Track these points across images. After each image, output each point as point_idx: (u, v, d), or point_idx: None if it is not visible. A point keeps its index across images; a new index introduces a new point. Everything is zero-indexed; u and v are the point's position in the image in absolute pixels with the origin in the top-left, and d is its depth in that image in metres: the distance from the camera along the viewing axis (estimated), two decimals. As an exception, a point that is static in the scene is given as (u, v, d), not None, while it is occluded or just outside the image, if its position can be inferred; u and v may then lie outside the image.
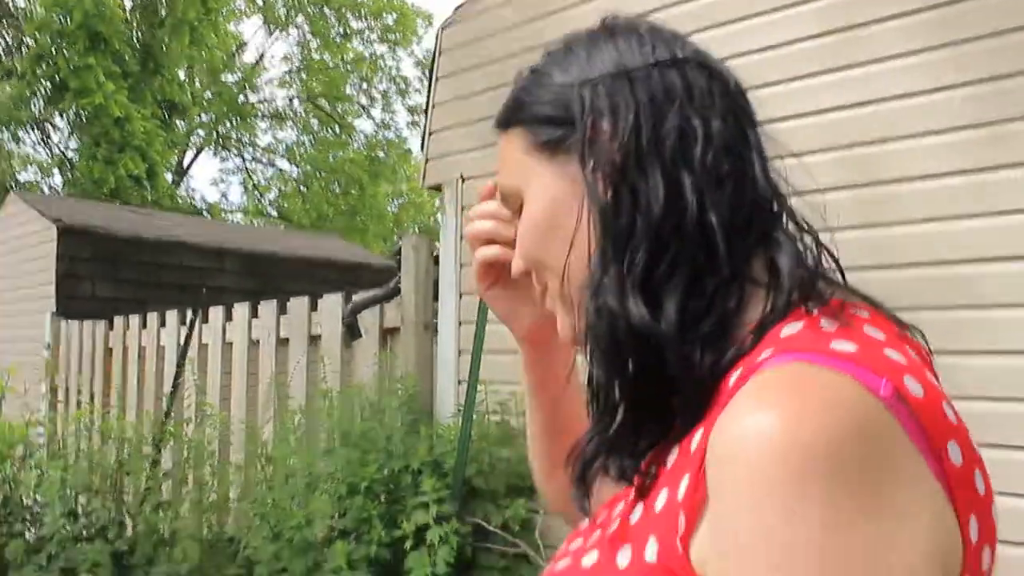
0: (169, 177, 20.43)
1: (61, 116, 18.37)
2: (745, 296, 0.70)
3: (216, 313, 5.90)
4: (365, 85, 24.29)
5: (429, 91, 4.83)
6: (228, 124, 23.08)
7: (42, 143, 19.78)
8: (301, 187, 24.09)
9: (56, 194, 18.56)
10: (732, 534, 0.55)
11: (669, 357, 0.68)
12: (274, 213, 24.48)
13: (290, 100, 24.09)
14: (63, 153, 19.36)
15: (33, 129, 19.11)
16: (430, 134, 4.81)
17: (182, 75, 20.49)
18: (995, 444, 2.57)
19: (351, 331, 4.67)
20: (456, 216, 4.62)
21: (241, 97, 23.00)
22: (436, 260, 4.80)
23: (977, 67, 2.85)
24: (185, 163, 22.89)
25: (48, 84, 17.28)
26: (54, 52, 16.46)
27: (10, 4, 18.64)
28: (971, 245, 2.83)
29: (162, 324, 6.30)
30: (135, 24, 18.92)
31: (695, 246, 0.70)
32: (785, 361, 0.61)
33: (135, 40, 18.69)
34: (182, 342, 5.99)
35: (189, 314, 5.98)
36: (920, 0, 3.00)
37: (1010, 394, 2.70)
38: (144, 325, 6.48)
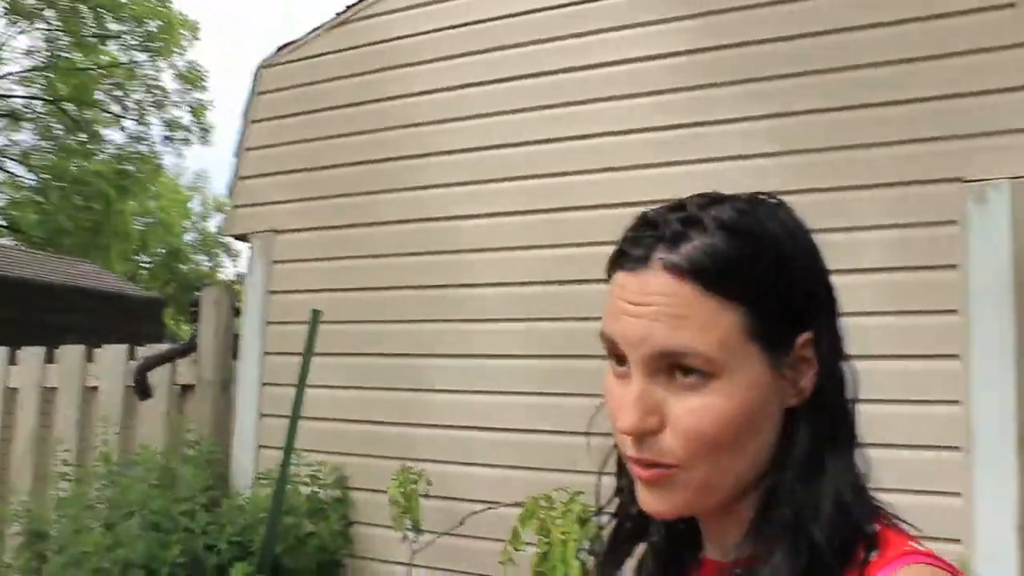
0: None
1: None
2: None
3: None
4: (119, 92, 22.61)
5: (242, 133, 4.54)
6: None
7: None
8: (36, 197, 21.92)
9: None
10: None
11: None
12: (1, 222, 22.11)
13: (31, 100, 21.94)
14: None
15: None
16: (240, 179, 4.52)
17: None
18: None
19: (141, 390, 4.25)
20: (264, 270, 4.36)
21: (-31, 90, 20.65)
22: (236, 312, 4.50)
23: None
24: None
25: None
26: None
27: None
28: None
29: None
30: None
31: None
32: (917, 562, 0.73)
33: None
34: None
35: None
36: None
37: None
38: None
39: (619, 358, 0.78)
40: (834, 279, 0.81)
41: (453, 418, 3.65)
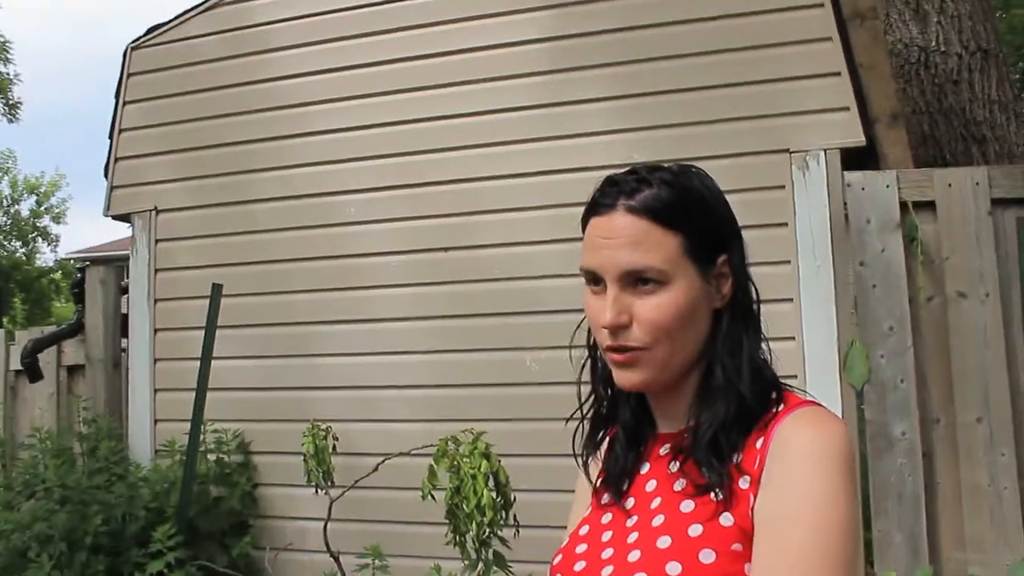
0: None
1: None
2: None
3: None
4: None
5: (115, 114, 4.59)
6: None
7: None
8: None
9: None
10: (800, 490, 1.00)
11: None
12: None
13: None
14: None
15: None
16: (116, 160, 4.58)
17: None
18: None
19: (31, 372, 4.29)
20: (148, 249, 4.47)
21: None
22: (123, 291, 4.58)
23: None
24: None
25: None
26: None
27: None
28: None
29: None
30: None
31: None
32: (811, 406, 1.08)
33: None
34: None
35: None
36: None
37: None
38: None
39: (596, 280, 1.12)
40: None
41: (352, 379, 3.94)
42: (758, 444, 1.06)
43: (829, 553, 0.97)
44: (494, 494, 2.89)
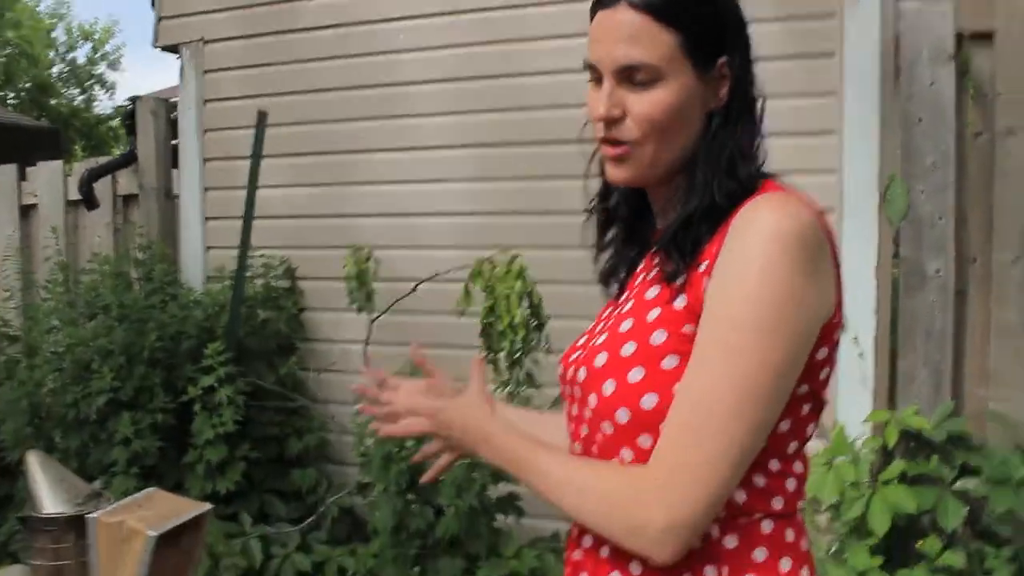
0: None
1: None
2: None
3: None
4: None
5: (160, -58, 4.55)
6: None
7: None
8: None
9: None
10: (744, 260, 1.02)
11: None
12: None
13: None
14: None
15: None
16: (163, -10, 4.58)
17: None
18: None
19: (88, 201, 4.45)
20: (196, 80, 4.51)
21: None
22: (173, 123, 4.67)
23: None
24: None
25: None
26: None
27: None
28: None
29: None
30: None
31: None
32: (782, 192, 1.09)
33: None
34: None
35: None
36: None
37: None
38: None
39: (596, 73, 1.14)
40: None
41: (394, 207, 4.02)
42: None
43: (754, 337, 1.00)
44: (528, 314, 2.98)
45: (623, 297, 1.21)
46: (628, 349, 1.08)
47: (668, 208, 1.18)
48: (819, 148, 3.25)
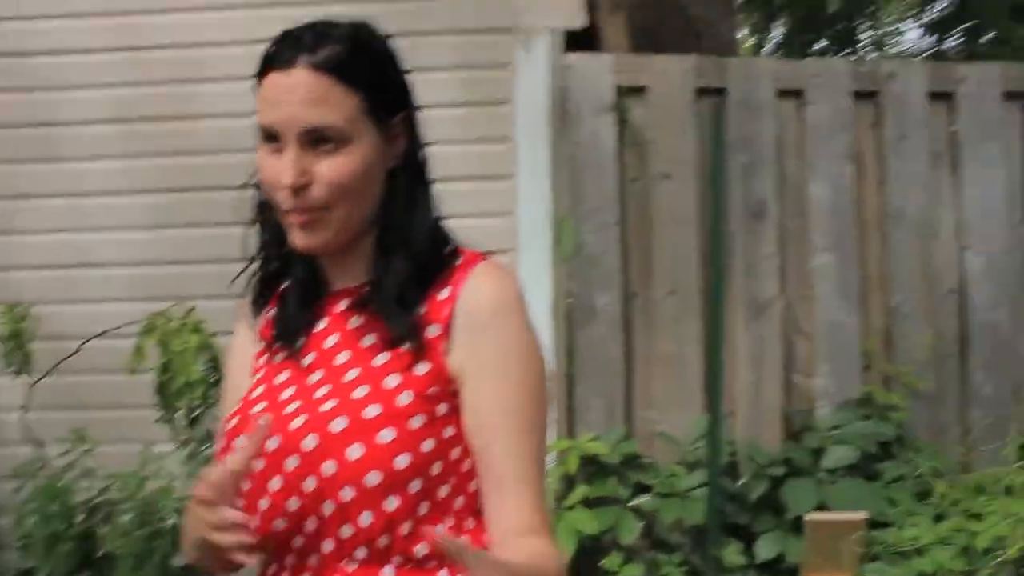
0: None
1: None
2: None
3: None
4: None
5: None
6: None
7: None
8: None
9: None
10: (501, 335, 1.10)
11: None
12: None
13: None
14: None
15: None
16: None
17: None
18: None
19: None
20: None
21: None
22: None
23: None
24: None
25: None
26: None
27: None
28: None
29: None
30: None
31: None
32: (486, 260, 1.14)
33: None
34: None
35: None
36: None
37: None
38: None
39: (273, 138, 1.09)
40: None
41: (58, 258, 3.65)
42: (441, 296, 1.10)
43: (535, 396, 1.11)
44: (207, 368, 2.84)
45: (310, 360, 1.15)
46: (372, 411, 1.05)
47: (351, 269, 1.15)
48: (495, 192, 3.40)
